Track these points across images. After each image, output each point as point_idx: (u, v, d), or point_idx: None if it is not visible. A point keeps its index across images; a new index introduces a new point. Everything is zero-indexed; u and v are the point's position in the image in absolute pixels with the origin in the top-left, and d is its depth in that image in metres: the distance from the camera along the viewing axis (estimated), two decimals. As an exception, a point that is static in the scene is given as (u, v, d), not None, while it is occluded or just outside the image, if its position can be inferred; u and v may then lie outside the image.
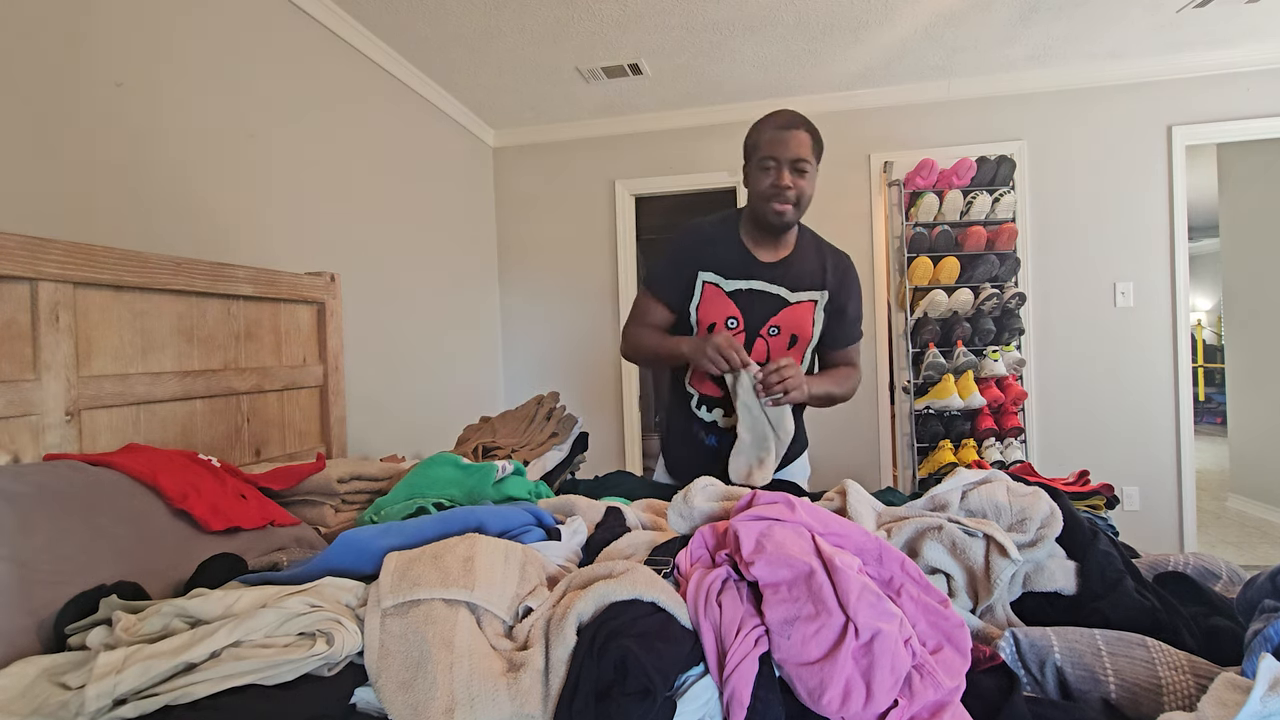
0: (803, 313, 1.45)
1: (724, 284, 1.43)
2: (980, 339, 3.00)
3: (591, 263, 3.59)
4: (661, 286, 1.49)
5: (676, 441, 1.58)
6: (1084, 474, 1.38)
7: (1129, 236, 3.08)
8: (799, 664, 0.60)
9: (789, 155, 1.32)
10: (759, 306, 1.43)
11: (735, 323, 1.44)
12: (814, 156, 1.36)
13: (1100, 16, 2.56)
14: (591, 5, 2.34)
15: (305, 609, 0.64)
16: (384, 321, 2.58)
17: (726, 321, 1.44)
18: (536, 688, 0.57)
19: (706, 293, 1.44)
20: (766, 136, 1.34)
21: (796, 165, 1.33)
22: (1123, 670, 0.63)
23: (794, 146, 1.32)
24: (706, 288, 1.44)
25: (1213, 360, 7.85)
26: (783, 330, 1.44)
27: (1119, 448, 3.11)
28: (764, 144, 1.35)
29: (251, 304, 1.66)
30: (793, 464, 1.57)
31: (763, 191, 1.35)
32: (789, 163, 1.32)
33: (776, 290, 1.44)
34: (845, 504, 0.96)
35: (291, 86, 2.10)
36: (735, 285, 1.43)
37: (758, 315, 1.43)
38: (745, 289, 1.43)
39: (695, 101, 3.30)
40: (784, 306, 1.44)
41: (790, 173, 1.33)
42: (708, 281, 1.44)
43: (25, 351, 1.15)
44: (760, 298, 1.43)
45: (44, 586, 0.74)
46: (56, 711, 0.56)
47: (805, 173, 1.34)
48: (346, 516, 1.23)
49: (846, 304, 1.48)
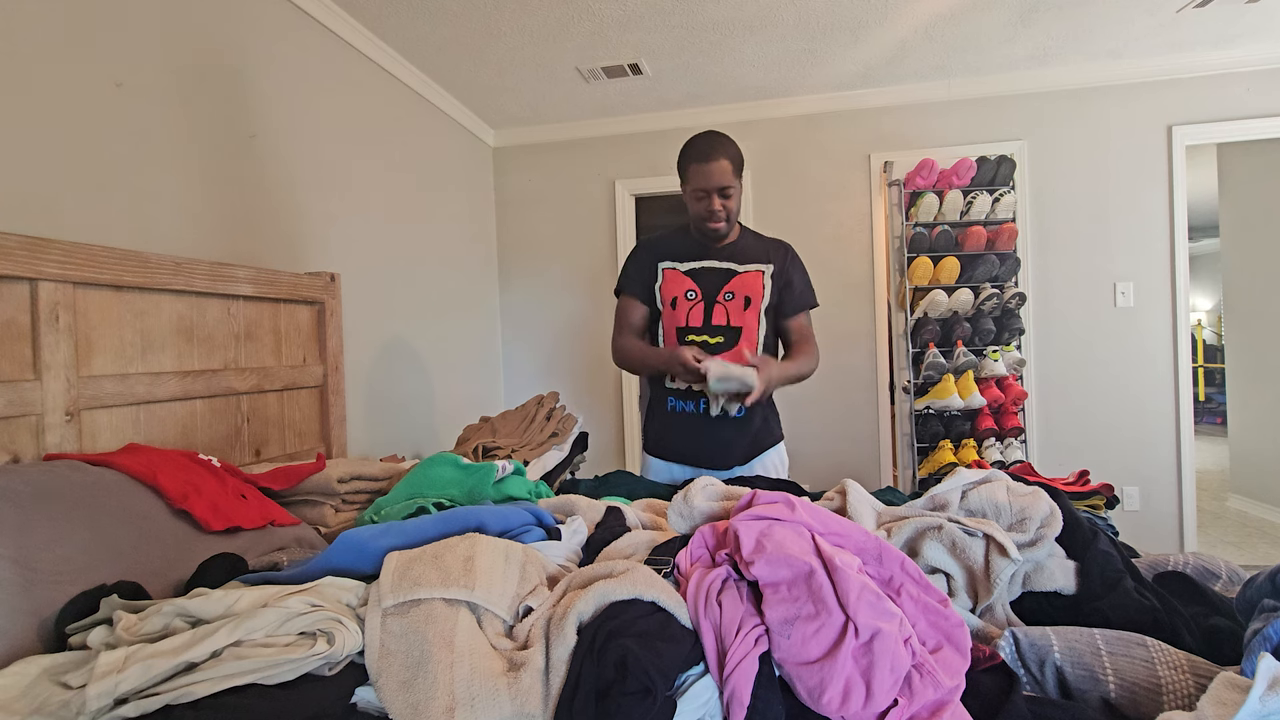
0: (752, 279, 1.64)
1: (680, 266, 1.67)
2: (980, 339, 3.00)
3: (591, 263, 3.59)
4: (630, 284, 1.72)
5: (653, 415, 1.76)
6: (1084, 474, 1.38)
7: (1129, 236, 3.08)
8: (799, 663, 0.60)
9: (715, 184, 1.55)
10: (712, 278, 1.64)
11: (694, 294, 1.65)
12: (736, 178, 1.58)
13: (1100, 16, 2.56)
14: (591, 5, 2.34)
15: (306, 609, 0.64)
16: (384, 321, 2.58)
17: (686, 294, 1.65)
18: (537, 687, 0.58)
19: (666, 276, 1.67)
20: (693, 170, 1.57)
21: (722, 192, 1.57)
22: (1122, 670, 0.64)
23: (717, 177, 1.55)
24: (666, 272, 1.67)
25: (1213, 360, 7.85)
26: (736, 295, 1.63)
27: (1119, 448, 3.11)
28: (691, 176, 1.57)
29: (251, 304, 1.66)
30: (768, 453, 1.68)
31: (699, 214, 1.61)
32: (716, 190, 1.56)
33: (726, 265, 1.65)
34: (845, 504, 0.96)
35: (292, 87, 2.10)
36: (690, 265, 1.66)
37: (712, 285, 1.64)
38: (699, 267, 1.66)
39: (695, 101, 3.30)
40: (734, 275, 1.65)
41: (719, 198, 1.57)
42: (666, 267, 1.68)
43: (25, 351, 1.15)
44: (713, 272, 1.65)
45: (45, 586, 0.74)
46: (58, 711, 0.56)
47: (730, 195, 1.58)
48: (346, 516, 1.23)
49: (792, 277, 1.68)
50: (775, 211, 3.38)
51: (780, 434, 1.74)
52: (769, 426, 1.70)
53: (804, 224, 3.34)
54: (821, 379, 3.28)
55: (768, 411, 1.71)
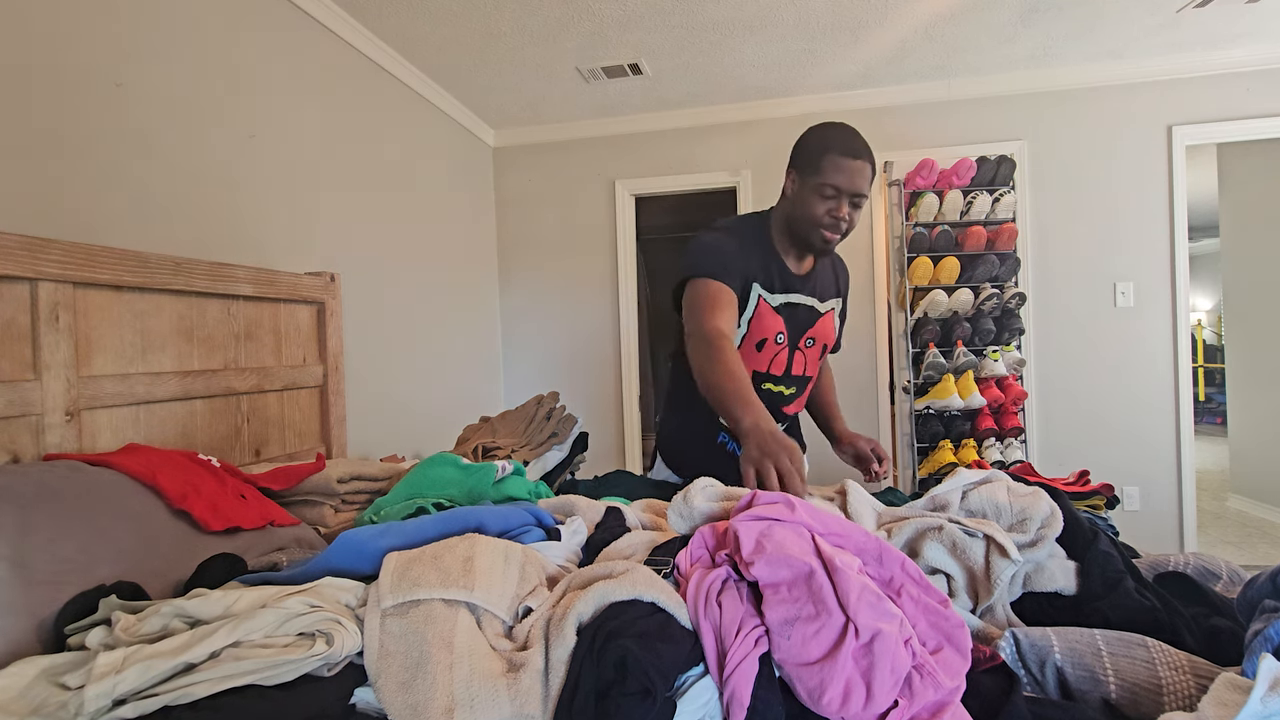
0: (828, 322, 1.48)
1: (770, 298, 1.38)
2: (980, 339, 3.00)
3: (592, 263, 3.59)
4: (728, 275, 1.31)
5: (692, 444, 1.51)
6: (1084, 474, 1.38)
7: (1129, 236, 3.08)
8: (799, 664, 0.60)
9: (851, 189, 1.26)
10: (799, 320, 1.41)
11: (783, 338, 1.41)
12: (870, 187, 1.31)
13: (1100, 16, 2.56)
14: (591, 5, 2.34)
15: (305, 609, 0.63)
16: (384, 321, 2.58)
17: (775, 338, 1.40)
18: (536, 688, 0.57)
19: (760, 307, 1.37)
20: (831, 163, 1.26)
21: (855, 200, 1.28)
22: (1123, 670, 0.63)
23: (858, 181, 1.26)
24: (760, 302, 1.37)
25: (1213, 360, 7.85)
26: (816, 341, 1.45)
27: (1119, 448, 3.11)
28: (827, 169, 1.26)
29: (251, 304, 1.65)
30: None
31: (818, 218, 1.30)
32: (849, 195, 1.27)
33: (810, 302, 1.43)
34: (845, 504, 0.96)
35: (291, 86, 2.10)
36: (779, 299, 1.39)
37: (798, 329, 1.42)
38: (787, 303, 1.40)
39: (695, 101, 3.30)
40: (817, 318, 1.44)
41: (849, 206, 1.28)
42: (762, 294, 1.37)
43: (25, 351, 1.15)
44: (799, 311, 1.41)
45: (43, 586, 0.73)
46: (56, 712, 0.56)
47: (860, 206, 1.31)
48: (346, 516, 1.23)
49: (848, 308, 1.57)
50: (775, 211, 3.38)
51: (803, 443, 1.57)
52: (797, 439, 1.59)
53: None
54: (821, 379, 3.31)
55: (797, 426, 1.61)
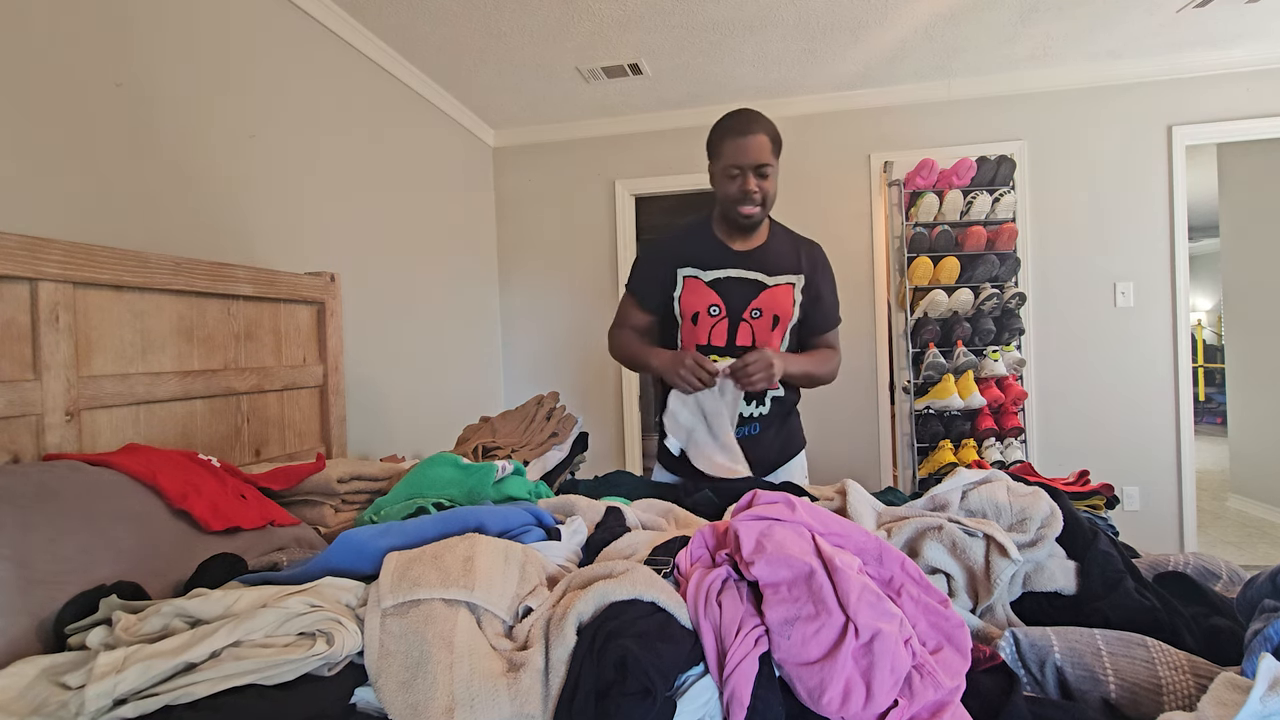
0: (781, 294, 1.50)
1: (703, 275, 1.50)
2: (980, 339, 3.00)
3: (591, 263, 3.59)
4: (641, 288, 1.56)
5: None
6: (1084, 474, 1.38)
7: (1129, 236, 3.08)
8: (799, 664, 0.60)
9: (751, 161, 1.39)
10: (739, 292, 1.48)
11: (717, 310, 1.49)
12: (774, 157, 1.42)
13: (1100, 16, 2.56)
14: (591, 5, 2.34)
15: (305, 609, 0.63)
16: (384, 321, 2.58)
17: (709, 310, 1.49)
18: (536, 688, 0.57)
19: (687, 285, 1.51)
20: (728, 145, 1.40)
21: (759, 170, 1.40)
22: (1123, 670, 0.63)
23: (755, 153, 1.38)
24: (687, 281, 1.51)
25: (1213, 360, 7.85)
26: (764, 312, 1.49)
27: (1119, 448, 3.11)
28: (726, 152, 1.41)
29: (251, 304, 1.65)
30: (790, 462, 1.59)
31: (731, 196, 1.43)
32: (752, 168, 1.40)
33: (754, 275, 1.49)
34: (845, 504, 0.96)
35: (291, 87, 2.10)
36: (714, 275, 1.49)
37: (738, 300, 1.48)
38: (724, 277, 1.49)
39: (695, 101, 3.30)
40: (763, 289, 1.49)
41: (755, 177, 1.41)
42: (687, 275, 1.51)
43: (25, 351, 1.15)
44: (739, 284, 1.49)
45: (44, 586, 0.74)
46: (56, 711, 0.56)
47: (768, 175, 1.42)
48: (346, 516, 1.23)
49: (821, 289, 1.55)
50: (775, 211, 3.36)
51: (802, 440, 1.64)
52: (793, 436, 1.60)
53: (804, 224, 3.28)
54: (821, 379, 3.31)
55: (794, 422, 1.61)
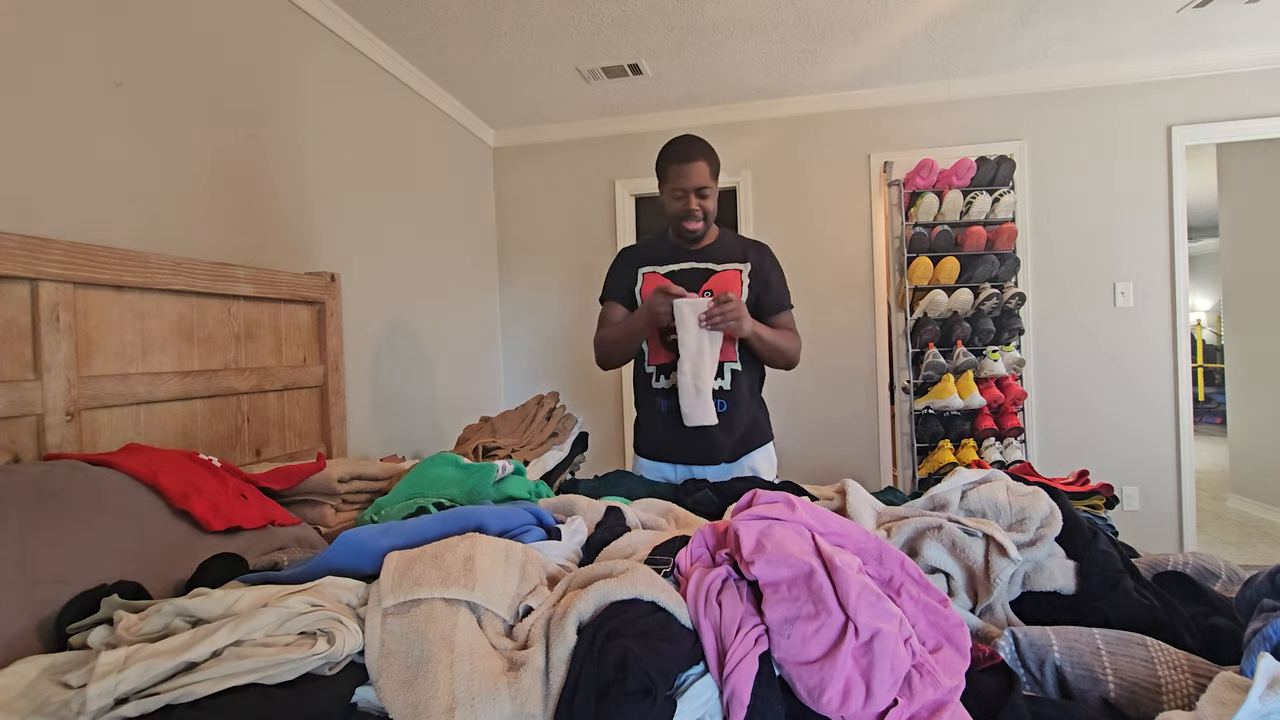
0: (730, 277, 1.67)
1: (660, 269, 1.71)
2: (980, 339, 3.00)
3: (591, 263, 3.59)
4: (613, 291, 1.77)
5: (642, 419, 1.77)
6: (1084, 474, 1.38)
7: (1129, 236, 3.08)
8: (799, 663, 0.60)
9: (693, 185, 1.60)
10: (691, 278, 1.67)
11: None
12: (713, 179, 1.63)
13: (1100, 16, 2.56)
14: (591, 5, 2.34)
15: (306, 608, 0.64)
16: (384, 321, 2.58)
17: None
18: (537, 687, 0.58)
19: (647, 279, 1.71)
20: (672, 170, 1.61)
21: (700, 191, 1.61)
22: (1122, 669, 0.64)
23: (695, 177, 1.60)
24: (645, 276, 1.72)
25: (1213, 360, 7.84)
26: (715, 292, 1.63)
27: (1119, 448, 3.11)
28: (671, 176, 1.62)
29: (251, 304, 1.66)
30: (756, 452, 1.68)
31: (677, 213, 1.65)
32: (694, 190, 1.61)
33: (704, 265, 1.69)
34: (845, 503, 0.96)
35: (291, 86, 2.10)
36: (669, 268, 1.70)
37: (691, 284, 1.65)
38: (678, 269, 1.70)
39: (695, 101, 3.30)
40: (712, 274, 1.68)
41: (696, 197, 1.61)
42: (646, 271, 1.72)
43: (25, 351, 1.15)
44: (691, 272, 1.69)
45: (45, 586, 0.74)
46: (58, 710, 0.56)
47: (707, 195, 1.62)
48: (347, 516, 1.23)
49: (770, 276, 1.70)
50: (775, 211, 3.39)
51: (770, 434, 1.75)
52: (759, 425, 1.71)
53: (804, 224, 3.35)
54: (821, 379, 3.32)
55: (757, 410, 1.72)
